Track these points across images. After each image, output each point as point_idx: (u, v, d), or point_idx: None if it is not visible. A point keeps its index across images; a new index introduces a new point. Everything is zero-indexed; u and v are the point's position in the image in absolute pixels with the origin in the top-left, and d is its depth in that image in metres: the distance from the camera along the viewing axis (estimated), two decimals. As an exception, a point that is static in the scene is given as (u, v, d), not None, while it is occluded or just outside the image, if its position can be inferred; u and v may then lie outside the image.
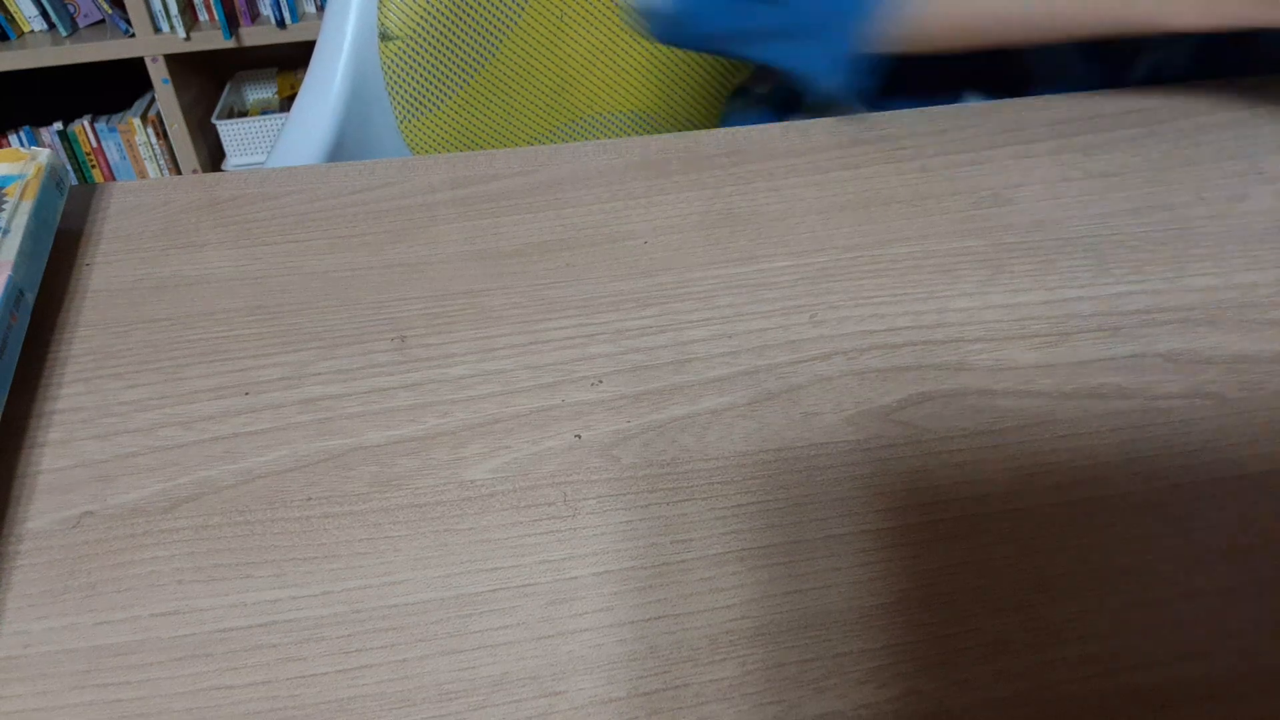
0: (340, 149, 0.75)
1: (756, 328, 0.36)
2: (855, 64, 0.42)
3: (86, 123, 1.97)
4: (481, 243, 0.40)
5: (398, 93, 0.77)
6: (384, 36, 0.75)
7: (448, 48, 0.76)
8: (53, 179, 0.39)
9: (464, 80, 0.77)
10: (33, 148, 0.47)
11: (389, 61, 0.76)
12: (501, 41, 0.77)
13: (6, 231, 0.36)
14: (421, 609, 0.27)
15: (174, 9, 1.74)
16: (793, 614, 0.27)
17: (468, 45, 0.76)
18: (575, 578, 0.28)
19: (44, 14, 1.80)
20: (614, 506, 0.30)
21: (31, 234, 0.36)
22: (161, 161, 2.01)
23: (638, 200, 0.42)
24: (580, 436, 0.32)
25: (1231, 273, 0.38)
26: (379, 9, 0.74)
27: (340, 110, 0.76)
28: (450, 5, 0.74)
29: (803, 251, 0.39)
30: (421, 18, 0.74)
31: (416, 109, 0.77)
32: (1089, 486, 0.30)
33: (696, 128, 0.73)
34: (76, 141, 1.99)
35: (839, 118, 0.48)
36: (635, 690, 0.25)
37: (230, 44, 1.81)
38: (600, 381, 0.34)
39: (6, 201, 0.37)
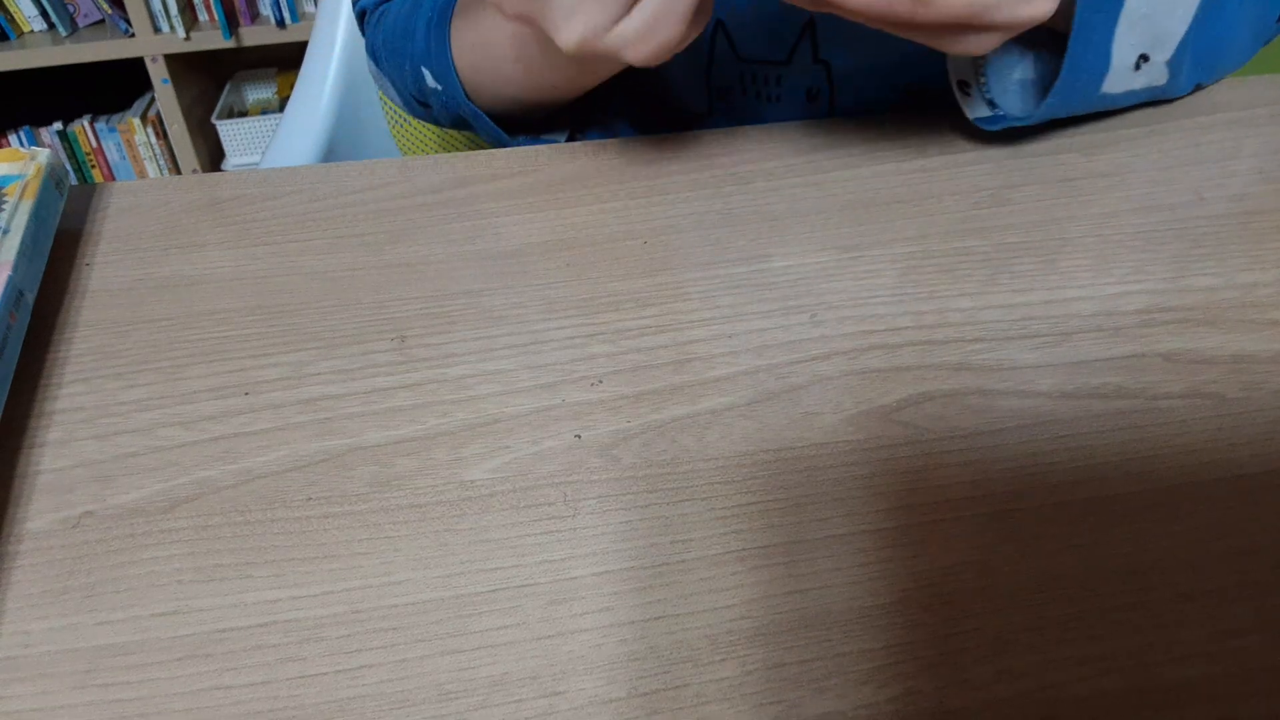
0: (332, 153, 0.75)
1: (756, 328, 0.36)
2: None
3: (86, 123, 1.97)
4: (481, 243, 0.40)
5: (388, 98, 0.77)
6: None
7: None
8: (52, 179, 0.39)
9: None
10: (32, 148, 0.47)
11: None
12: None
13: (6, 231, 0.36)
14: (421, 609, 0.27)
15: (174, 9, 1.74)
16: (793, 614, 0.27)
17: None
18: (575, 578, 0.28)
19: (44, 14, 1.80)
20: (614, 506, 0.30)
21: (31, 234, 0.36)
22: (161, 161, 2.01)
23: (638, 200, 0.42)
24: (580, 436, 0.32)
25: (1232, 273, 0.38)
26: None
27: (332, 114, 0.76)
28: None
29: (803, 251, 0.39)
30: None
31: (407, 114, 0.77)
32: (1089, 486, 0.30)
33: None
34: (76, 141, 1.99)
35: (838, 118, 0.48)
36: (635, 690, 0.25)
37: (230, 44, 1.81)
38: (600, 381, 0.34)
39: (6, 201, 0.37)
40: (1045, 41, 0.44)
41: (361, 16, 0.55)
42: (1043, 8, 0.33)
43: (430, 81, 0.50)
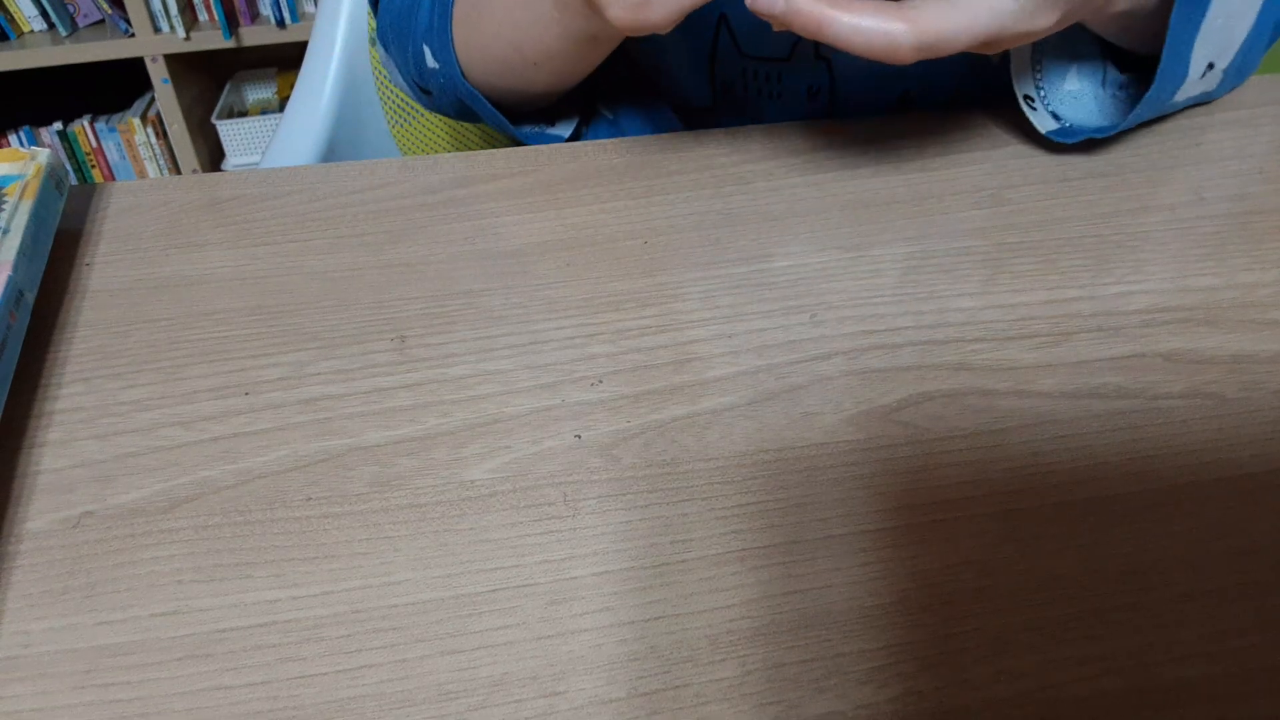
0: (332, 153, 0.75)
1: (756, 328, 0.36)
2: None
3: (86, 123, 1.97)
4: (481, 243, 0.40)
5: (388, 97, 0.77)
6: (374, 41, 0.75)
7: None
8: (52, 179, 0.39)
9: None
10: (32, 148, 0.47)
11: (379, 66, 0.76)
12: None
13: (6, 231, 0.36)
14: (421, 609, 0.27)
15: (174, 9, 1.74)
16: (793, 614, 0.27)
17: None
18: (575, 578, 0.28)
19: (44, 14, 1.80)
20: (614, 506, 0.30)
21: (31, 234, 0.36)
22: (161, 161, 2.01)
23: (638, 200, 0.42)
24: (580, 436, 0.32)
25: (1232, 273, 0.38)
26: (369, 14, 0.74)
27: (332, 114, 0.76)
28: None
29: (803, 251, 0.39)
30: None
31: (407, 113, 0.77)
32: (1089, 486, 0.30)
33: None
34: (76, 141, 1.99)
35: (840, 120, 0.48)
36: (635, 690, 0.25)
37: (230, 44, 1.81)
38: (600, 381, 0.34)
39: (6, 201, 0.37)
40: (1088, 53, 0.44)
41: (374, 3, 0.56)
42: (1045, 22, 0.33)
43: (430, 61, 0.49)
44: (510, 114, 0.50)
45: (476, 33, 0.47)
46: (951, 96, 0.52)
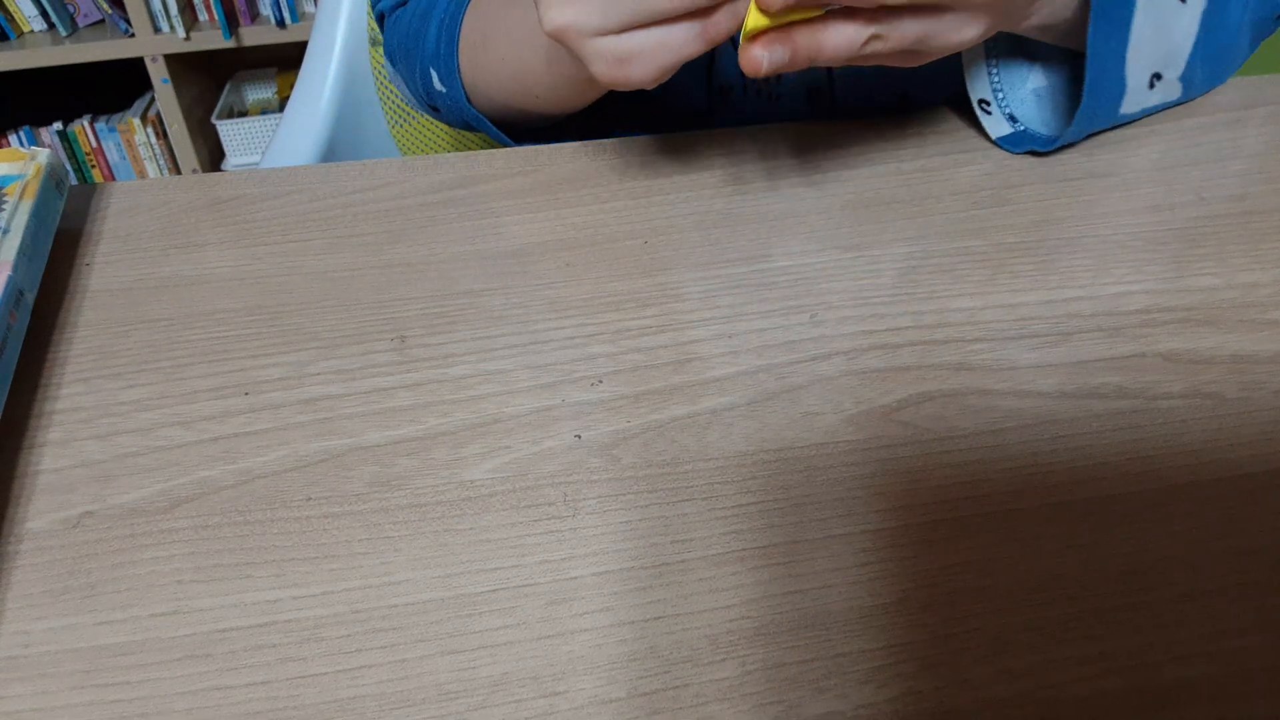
0: (332, 153, 0.75)
1: (756, 328, 0.36)
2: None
3: (86, 123, 1.97)
4: (481, 243, 0.40)
5: (388, 97, 0.77)
6: (374, 42, 0.75)
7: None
8: (52, 179, 0.39)
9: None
10: (32, 148, 0.47)
11: (379, 66, 0.76)
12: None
13: (6, 231, 0.36)
14: (421, 609, 0.27)
15: (174, 9, 1.74)
16: (793, 614, 0.27)
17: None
18: (575, 578, 0.28)
19: (44, 14, 1.80)
20: (614, 506, 0.30)
21: (31, 234, 0.36)
22: (161, 161, 2.01)
23: (638, 200, 0.42)
24: (580, 436, 0.32)
25: (1232, 273, 0.38)
26: (369, 14, 0.74)
27: (332, 114, 0.76)
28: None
29: (803, 251, 0.39)
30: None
31: (407, 113, 0.77)
32: (1089, 486, 0.30)
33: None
34: (76, 141, 1.98)
35: (837, 121, 0.48)
36: (635, 690, 0.25)
37: (230, 44, 1.81)
38: (600, 381, 0.34)
39: (6, 201, 0.37)
40: (1049, 55, 0.44)
41: (381, 19, 0.56)
42: None
43: (437, 84, 0.50)
44: (513, 132, 0.51)
45: (482, 62, 0.48)
46: (951, 96, 0.52)
